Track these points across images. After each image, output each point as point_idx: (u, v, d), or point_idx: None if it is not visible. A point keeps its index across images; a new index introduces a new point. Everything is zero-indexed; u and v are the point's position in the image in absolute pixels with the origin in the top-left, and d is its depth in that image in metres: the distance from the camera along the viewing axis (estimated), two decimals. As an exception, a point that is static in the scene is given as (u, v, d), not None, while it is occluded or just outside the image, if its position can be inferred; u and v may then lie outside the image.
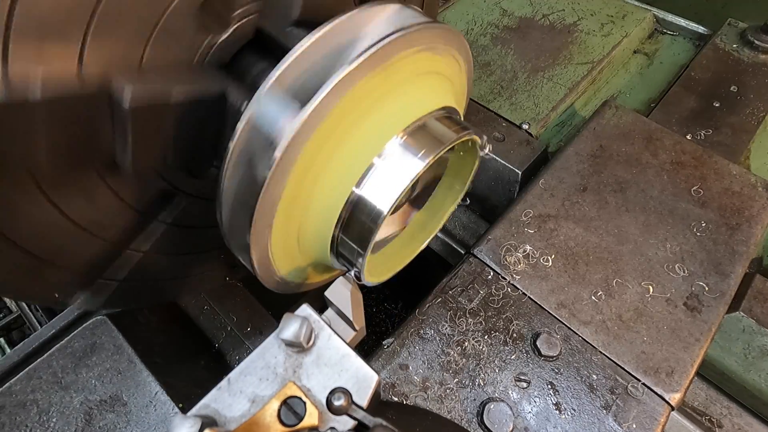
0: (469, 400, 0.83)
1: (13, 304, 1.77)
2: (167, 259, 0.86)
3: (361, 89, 0.59)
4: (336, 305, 0.77)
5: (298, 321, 0.55)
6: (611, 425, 0.81)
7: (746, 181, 1.10)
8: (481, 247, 1.01)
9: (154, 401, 0.84)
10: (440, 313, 0.92)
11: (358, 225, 0.66)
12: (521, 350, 0.88)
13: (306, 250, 0.73)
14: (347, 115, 0.59)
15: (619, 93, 1.57)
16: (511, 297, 0.94)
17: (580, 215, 1.05)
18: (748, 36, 1.51)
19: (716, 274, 0.97)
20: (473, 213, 1.36)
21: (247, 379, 0.55)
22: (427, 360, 0.87)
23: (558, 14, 1.68)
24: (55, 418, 0.82)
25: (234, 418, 0.53)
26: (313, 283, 0.86)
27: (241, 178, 0.60)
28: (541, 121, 1.39)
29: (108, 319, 0.92)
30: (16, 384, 0.84)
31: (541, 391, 0.84)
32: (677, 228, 1.03)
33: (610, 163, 1.14)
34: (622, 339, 0.89)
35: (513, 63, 1.54)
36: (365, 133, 0.63)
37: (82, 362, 0.87)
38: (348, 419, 0.52)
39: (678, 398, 0.83)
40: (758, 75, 1.44)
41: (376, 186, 0.64)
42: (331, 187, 0.64)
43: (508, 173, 1.25)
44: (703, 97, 1.39)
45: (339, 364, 0.56)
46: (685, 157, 1.14)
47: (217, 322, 1.11)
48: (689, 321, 0.91)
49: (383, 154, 0.64)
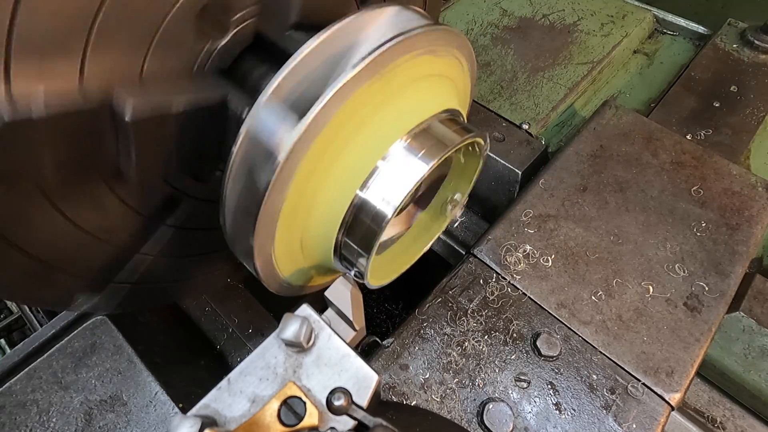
0: (469, 400, 0.83)
1: (13, 305, 1.76)
2: (175, 261, 0.86)
3: (361, 96, 0.58)
4: (336, 305, 0.77)
5: (298, 321, 0.56)
6: (611, 425, 0.81)
7: (746, 181, 1.10)
8: (481, 247, 1.01)
9: (154, 401, 0.84)
10: (440, 313, 0.92)
11: (363, 228, 0.66)
12: (521, 350, 0.88)
13: (309, 253, 0.73)
14: (348, 122, 0.59)
15: (619, 93, 1.57)
16: (511, 297, 0.94)
17: (580, 215, 1.05)
18: (748, 36, 1.51)
19: (716, 274, 0.97)
20: (474, 213, 1.36)
21: (247, 379, 0.55)
22: (427, 360, 0.87)
23: (558, 14, 1.68)
24: (55, 418, 0.82)
25: (234, 418, 0.53)
26: (317, 286, 0.86)
27: (242, 188, 0.60)
28: (541, 121, 1.39)
29: (108, 319, 0.92)
30: (16, 384, 0.84)
31: (541, 391, 0.84)
32: (677, 228, 1.03)
33: (610, 163, 1.14)
34: (622, 339, 0.89)
35: (513, 63, 1.54)
36: (368, 137, 0.63)
37: (82, 362, 0.87)
38: (348, 419, 0.52)
39: (678, 398, 0.83)
40: (758, 75, 1.44)
41: (381, 189, 0.64)
42: (334, 191, 0.64)
43: (508, 173, 1.25)
44: (703, 97, 1.39)
45: (339, 364, 0.56)
46: (685, 157, 1.14)
47: (218, 324, 1.11)
48: (689, 321, 0.91)
49: (387, 157, 0.64)
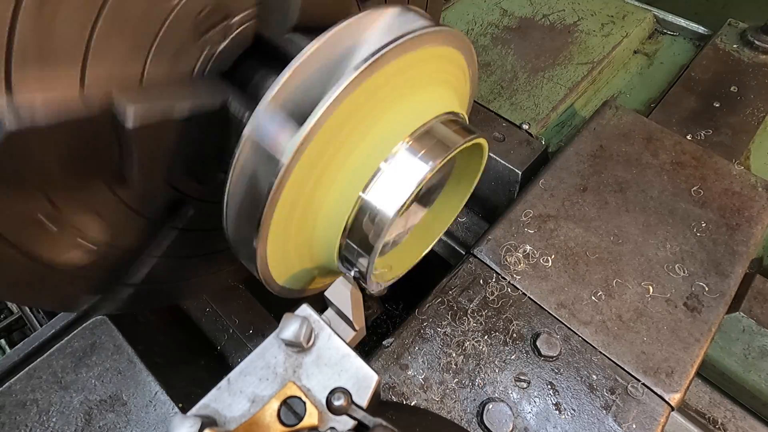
0: (469, 400, 0.83)
1: (14, 305, 1.76)
2: (178, 262, 0.87)
3: (362, 99, 0.58)
4: (336, 305, 0.77)
5: (298, 321, 0.55)
6: (611, 425, 0.81)
7: (746, 181, 1.10)
8: (481, 247, 1.01)
9: (154, 401, 0.84)
10: (440, 313, 0.92)
11: (365, 230, 0.66)
12: (521, 350, 0.88)
13: (312, 255, 0.73)
14: (350, 125, 0.59)
15: (619, 93, 1.57)
16: (511, 297, 0.94)
17: (580, 215, 1.05)
18: (748, 36, 1.51)
19: (716, 274, 0.97)
20: (474, 213, 1.36)
21: (247, 379, 0.55)
22: (427, 360, 0.87)
23: (558, 14, 1.68)
24: (55, 417, 0.82)
25: (234, 418, 0.53)
26: (319, 288, 0.86)
27: (245, 192, 0.60)
28: (541, 121, 1.39)
29: (108, 319, 0.92)
30: (16, 384, 0.84)
31: (541, 391, 0.84)
32: (677, 228, 1.03)
33: (610, 163, 1.14)
34: (622, 339, 0.89)
35: (513, 63, 1.54)
36: (370, 139, 0.63)
37: (82, 362, 0.87)
38: (348, 419, 0.52)
39: (678, 398, 0.83)
40: (758, 75, 1.44)
41: (383, 191, 0.64)
42: (337, 194, 0.64)
43: (508, 173, 1.25)
44: (703, 98, 1.39)
45: (339, 364, 0.56)
46: (685, 158, 1.14)
47: (219, 325, 1.11)
48: (689, 321, 0.91)
49: (390, 159, 0.64)
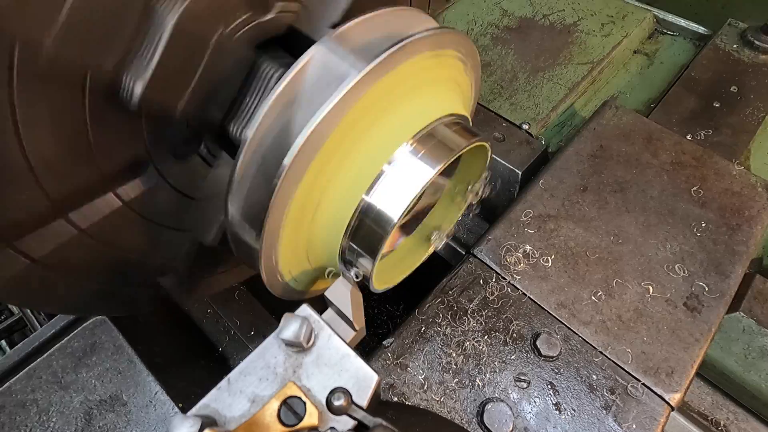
0: (469, 400, 0.83)
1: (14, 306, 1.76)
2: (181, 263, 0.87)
3: (366, 100, 0.58)
4: (336, 305, 0.77)
5: (298, 321, 0.55)
6: (611, 425, 0.81)
7: (746, 181, 1.10)
8: (481, 247, 1.01)
9: (154, 401, 0.84)
10: (440, 313, 0.92)
11: (368, 232, 0.66)
12: (521, 350, 0.88)
13: (314, 257, 0.73)
14: (353, 127, 0.60)
15: (619, 93, 1.56)
16: (511, 297, 0.94)
17: (580, 215, 1.05)
18: (748, 36, 1.51)
19: (716, 274, 0.97)
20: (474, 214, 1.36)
21: (247, 379, 0.55)
22: (427, 360, 0.87)
23: (558, 14, 1.68)
24: (55, 417, 0.82)
25: (234, 418, 0.53)
26: (320, 290, 0.86)
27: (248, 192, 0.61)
28: (541, 121, 1.39)
29: (108, 319, 0.91)
30: (16, 384, 0.84)
31: (541, 391, 0.84)
32: (677, 228, 1.03)
33: (610, 163, 1.14)
34: (622, 339, 0.89)
35: (513, 63, 1.54)
36: (374, 141, 0.63)
37: (82, 362, 0.87)
38: (348, 419, 0.52)
39: (678, 398, 0.83)
40: (758, 75, 1.44)
41: (387, 193, 0.64)
42: (340, 196, 0.64)
43: (508, 173, 1.25)
44: (703, 98, 1.39)
45: (339, 364, 0.56)
46: (685, 158, 1.14)
47: (220, 326, 1.11)
48: (689, 321, 0.91)
49: (393, 162, 0.64)
